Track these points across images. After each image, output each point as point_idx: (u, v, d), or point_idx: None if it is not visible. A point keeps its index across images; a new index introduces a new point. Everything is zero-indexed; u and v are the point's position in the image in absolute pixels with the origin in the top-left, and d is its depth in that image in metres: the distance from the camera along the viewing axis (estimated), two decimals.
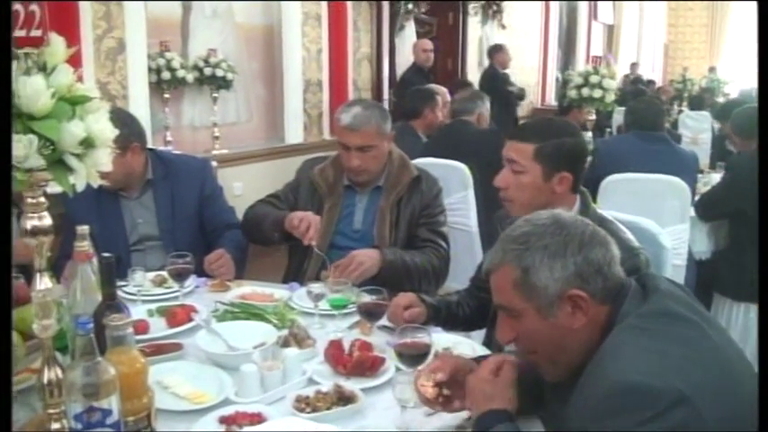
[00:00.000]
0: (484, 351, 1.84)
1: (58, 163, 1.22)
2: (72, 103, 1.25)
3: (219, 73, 4.73)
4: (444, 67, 8.39)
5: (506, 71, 7.99)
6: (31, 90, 1.18)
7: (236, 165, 5.02)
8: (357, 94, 6.51)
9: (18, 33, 1.24)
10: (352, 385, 1.59)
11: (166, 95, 4.55)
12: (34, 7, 1.25)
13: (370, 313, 1.92)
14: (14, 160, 1.17)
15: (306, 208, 2.56)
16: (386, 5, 7.04)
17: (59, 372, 1.36)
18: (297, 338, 1.82)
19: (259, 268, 2.79)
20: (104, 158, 1.27)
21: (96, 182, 1.29)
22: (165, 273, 2.29)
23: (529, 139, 1.91)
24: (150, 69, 4.39)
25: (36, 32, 1.25)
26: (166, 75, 4.44)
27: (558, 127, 1.98)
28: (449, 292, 2.36)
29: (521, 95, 8.14)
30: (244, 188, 4.82)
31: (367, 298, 1.94)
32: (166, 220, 2.62)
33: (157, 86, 4.47)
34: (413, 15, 7.48)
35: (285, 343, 1.79)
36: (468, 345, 1.88)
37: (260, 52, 5.56)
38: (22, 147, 1.16)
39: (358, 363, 1.67)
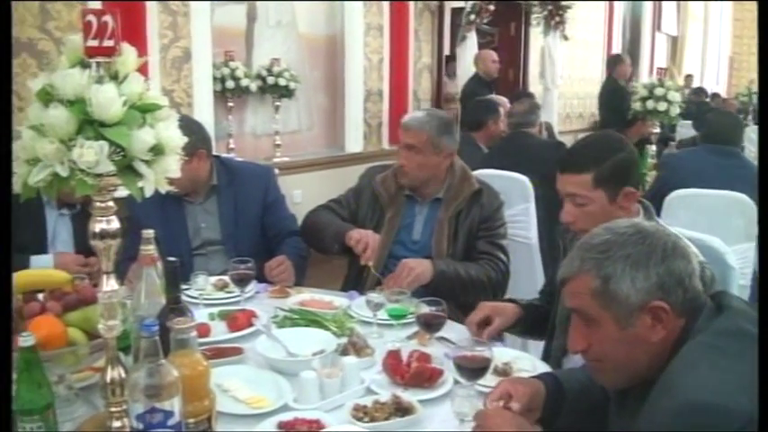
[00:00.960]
0: (544, 366, 1.82)
1: (127, 169, 1.25)
2: (142, 111, 1.27)
3: (282, 82, 4.80)
4: (505, 77, 8.32)
5: (631, 83, 7.64)
6: (103, 98, 1.21)
7: (296, 172, 5.08)
8: (417, 104, 6.52)
9: (90, 43, 1.26)
10: (409, 396, 1.58)
11: (230, 104, 4.65)
12: (107, 18, 1.27)
13: (428, 324, 1.91)
14: (85, 165, 1.20)
15: (366, 216, 2.58)
16: (448, 16, 7.05)
17: (122, 371, 1.39)
18: (356, 347, 1.82)
19: (318, 275, 2.81)
20: (173, 165, 1.30)
21: (164, 188, 1.31)
22: (226, 277, 2.32)
23: (583, 168, 1.85)
24: (215, 78, 4.49)
25: (108, 42, 1.27)
26: (230, 83, 4.53)
27: (605, 145, 1.92)
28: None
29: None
30: (303, 196, 4.87)
31: (426, 309, 1.92)
32: (229, 225, 2.67)
33: (221, 95, 4.57)
34: (475, 26, 7.45)
35: (344, 351, 1.80)
36: (527, 360, 1.85)
37: (322, 62, 5.63)
38: (93, 153, 1.19)
39: (416, 374, 1.66)
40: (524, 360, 1.84)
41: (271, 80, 4.78)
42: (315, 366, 1.63)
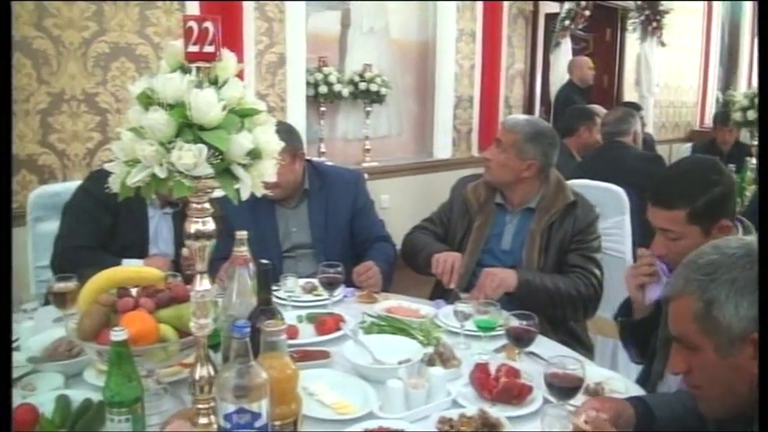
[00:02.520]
0: (637, 389, 1.74)
1: (224, 172, 1.27)
2: (241, 116, 1.29)
3: (373, 87, 4.83)
4: (600, 85, 8.12)
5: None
6: (202, 102, 1.24)
7: (384, 178, 5.10)
8: (508, 111, 6.43)
9: (191, 49, 1.29)
10: (497, 412, 1.54)
11: (322, 108, 4.71)
12: (208, 24, 1.29)
13: (519, 338, 1.86)
14: (183, 168, 1.23)
15: (457, 227, 2.56)
16: (542, 21, 6.93)
17: (211, 369, 1.41)
18: (442, 357, 1.80)
19: (404, 280, 2.80)
20: (269, 169, 1.31)
21: (260, 191, 1.33)
22: (315, 281, 2.34)
23: (676, 205, 1.76)
24: (308, 83, 4.56)
25: (209, 48, 1.29)
26: (323, 89, 4.59)
27: (701, 178, 1.79)
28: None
29: None
30: (391, 201, 4.88)
31: (515, 322, 1.88)
32: (319, 229, 2.69)
33: (314, 100, 4.63)
34: (569, 31, 7.30)
35: (430, 361, 1.77)
36: (620, 381, 1.78)
37: (413, 67, 5.63)
38: (192, 155, 1.22)
39: (504, 389, 1.62)
40: (617, 381, 1.77)
41: (362, 86, 4.82)
42: (401, 375, 1.61)
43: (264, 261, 1.56)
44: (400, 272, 2.78)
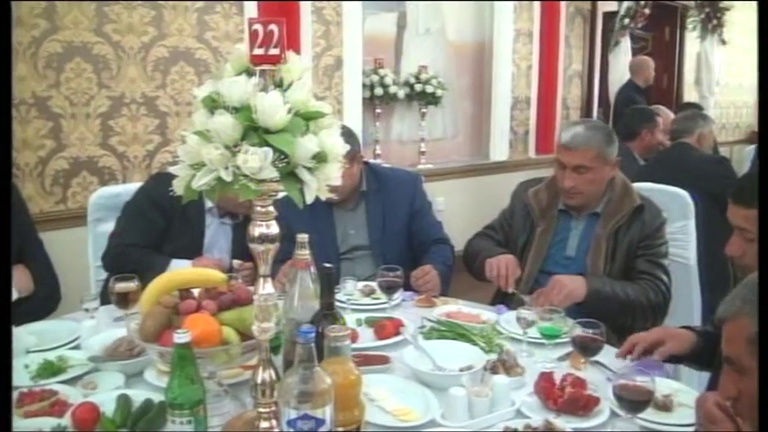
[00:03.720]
0: None
1: (289, 175, 1.26)
2: (306, 119, 1.28)
3: (429, 89, 4.80)
4: (659, 85, 7.93)
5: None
6: (268, 105, 1.23)
7: (439, 180, 5.06)
8: (566, 112, 6.33)
9: (256, 51, 1.28)
10: (563, 424, 1.49)
11: (378, 110, 4.70)
12: (273, 27, 1.28)
13: (585, 347, 1.81)
14: (249, 171, 1.22)
15: (519, 233, 2.51)
16: (600, 21, 6.80)
17: (273, 373, 1.41)
18: (505, 365, 1.75)
19: (463, 284, 2.76)
20: (334, 172, 1.30)
21: (324, 195, 1.31)
22: (373, 283, 2.33)
23: (755, 203, 1.67)
24: (364, 85, 4.56)
25: (274, 51, 1.28)
26: (379, 90, 4.58)
27: None
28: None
29: None
30: (446, 203, 4.84)
31: (581, 330, 1.82)
32: (377, 231, 2.68)
33: (370, 102, 4.63)
34: (628, 30, 7.15)
35: (493, 369, 1.73)
36: (689, 394, 1.70)
37: (469, 69, 5.58)
38: (258, 159, 1.21)
39: (571, 400, 1.57)
40: (686, 394, 1.69)
41: (418, 87, 4.79)
42: (464, 383, 1.57)
43: (328, 265, 1.55)
44: (458, 275, 2.74)
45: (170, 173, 1.35)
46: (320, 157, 1.27)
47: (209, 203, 2.64)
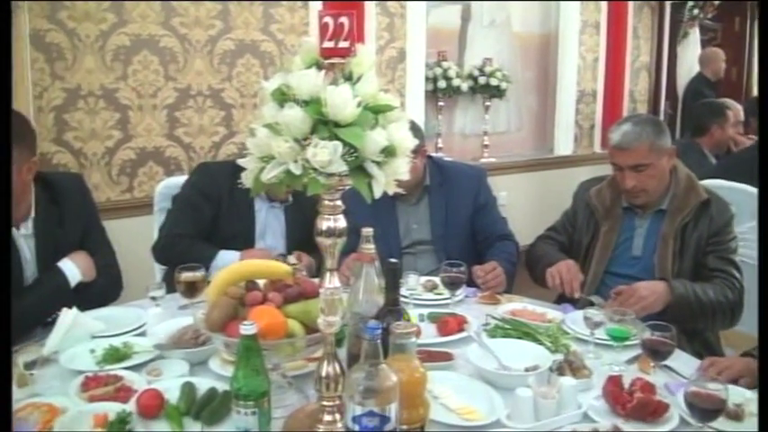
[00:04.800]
0: None
1: (358, 169, 1.25)
2: (375, 112, 1.26)
3: (493, 82, 4.73)
4: (728, 78, 7.65)
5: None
6: (338, 99, 1.22)
7: (502, 174, 4.99)
8: (632, 105, 6.17)
9: (326, 44, 1.27)
10: (631, 429, 1.45)
11: (441, 103, 4.66)
12: (344, 20, 1.27)
13: (655, 351, 1.74)
14: (318, 165, 1.21)
15: (583, 234, 2.46)
16: (668, 11, 6.59)
17: (337, 367, 1.40)
18: (572, 366, 1.71)
19: (522, 280, 2.71)
20: (402, 167, 1.28)
21: (392, 189, 1.30)
22: (436, 279, 2.30)
23: None
24: (427, 78, 4.52)
25: (344, 44, 1.27)
26: (442, 83, 4.53)
27: None
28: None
29: None
30: (509, 198, 4.77)
31: (651, 333, 1.76)
32: (439, 226, 2.65)
33: (433, 94, 4.59)
34: (697, 21, 6.91)
35: (560, 370, 1.69)
36: None
37: (534, 61, 5.49)
38: (328, 152, 1.20)
39: (640, 405, 1.51)
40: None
41: (482, 80, 4.73)
42: (530, 383, 1.54)
43: (393, 260, 1.54)
44: (521, 271, 2.70)
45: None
46: (389, 151, 1.25)
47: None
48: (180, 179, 3.03)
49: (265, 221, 2.72)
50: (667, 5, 6.63)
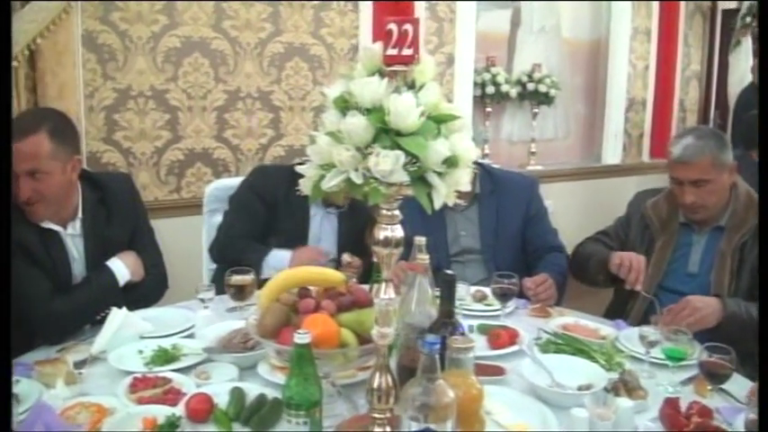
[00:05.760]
0: None
1: (419, 179, 1.22)
2: (437, 122, 1.24)
3: (542, 88, 4.66)
4: None
5: None
6: (401, 107, 1.20)
7: (549, 182, 4.90)
8: (682, 114, 6.03)
9: (390, 52, 1.25)
10: None
11: (488, 109, 4.60)
12: (408, 27, 1.25)
13: (713, 374, 1.68)
14: (380, 174, 1.19)
15: (635, 245, 2.39)
16: (720, 19, 6.44)
17: (390, 379, 1.38)
18: (627, 386, 1.66)
19: (569, 292, 2.65)
20: (464, 178, 1.25)
21: (452, 200, 1.27)
22: (485, 289, 2.27)
23: None
24: (475, 83, 4.47)
25: (407, 51, 1.25)
26: (490, 89, 4.48)
27: None
28: None
29: None
30: (555, 206, 4.68)
31: (708, 355, 1.69)
32: (489, 235, 2.62)
33: (480, 100, 4.54)
34: (750, 29, 6.73)
35: (615, 389, 1.64)
36: None
37: (584, 68, 5.40)
38: (390, 161, 1.18)
39: (697, 431, 1.46)
40: None
41: (531, 86, 4.66)
42: (586, 403, 1.50)
43: (449, 272, 1.51)
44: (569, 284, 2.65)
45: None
46: (451, 162, 1.23)
47: None
48: (229, 181, 3.05)
49: (320, 227, 2.73)
50: (719, 13, 6.47)
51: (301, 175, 1.32)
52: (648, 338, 1.82)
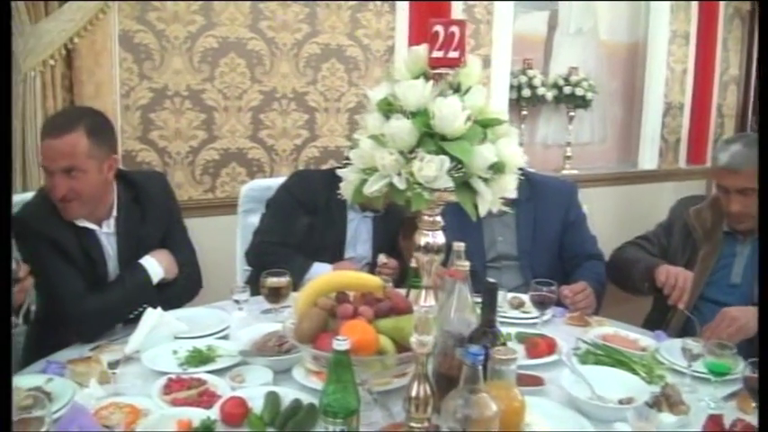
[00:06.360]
0: None
1: (463, 185, 1.20)
2: (483, 126, 1.21)
3: (579, 92, 4.59)
4: None
5: None
6: (447, 111, 1.17)
7: (583, 186, 4.82)
8: (720, 120, 5.92)
9: (436, 54, 1.23)
10: None
11: (524, 112, 4.55)
12: (454, 29, 1.22)
13: (756, 390, 1.63)
14: (424, 179, 1.17)
15: (677, 253, 2.34)
16: (758, 23, 6.31)
17: (428, 388, 1.35)
18: (669, 401, 1.60)
19: (610, 302, 2.60)
20: (510, 184, 1.23)
21: (497, 207, 1.24)
22: (522, 296, 2.24)
23: None
24: (511, 86, 4.42)
25: (453, 54, 1.22)
26: (526, 92, 4.43)
27: None
28: None
29: None
30: (589, 211, 4.61)
31: (751, 370, 1.64)
32: (526, 241, 2.58)
33: (516, 103, 4.48)
34: None
35: (656, 403, 1.59)
36: None
37: (621, 71, 5.31)
38: (434, 167, 1.16)
39: None
40: None
41: (567, 90, 4.59)
42: (628, 417, 1.45)
43: (491, 280, 1.48)
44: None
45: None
46: (497, 168, 1.20)
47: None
48: (265, 181, 3.04)
49: (356, 231, 2.73)
50: (757, 17, 6.34)
51: (341, 180, 1.30)
52: (692, 352, 1.77)
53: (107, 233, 2.18)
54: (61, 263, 2.03)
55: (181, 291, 2.29)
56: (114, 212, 2.18)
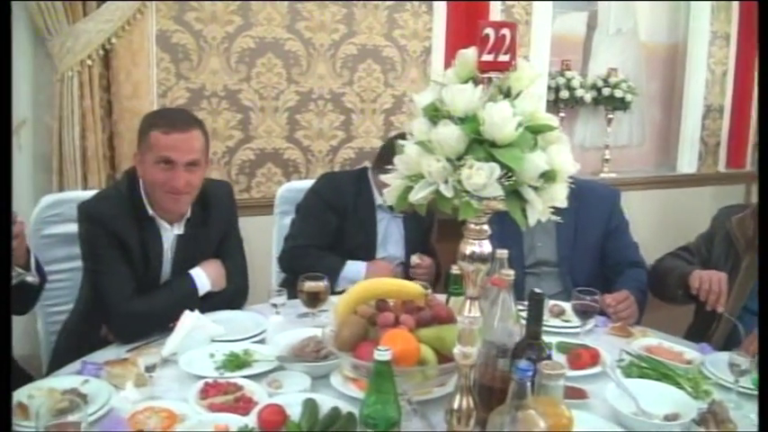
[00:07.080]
0: None
1: (513, 193, 1.16)
2: (534, 132, 1.17)
3: (618, 94, 4.51)
4: None
5: None
6: (497, 117, 1.14)
7: (622, 190, 4.75)
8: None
9: (485, 58, 1.19)
10: None
11: (561, 114, 4.47)
12: (505, 31, 1.18)
13: None
14: (472, 187, 1.13)
15: (719, 263, 2.27)
16: None
17: (471, 401, 1.32)
18: (716, 418, 1.54)
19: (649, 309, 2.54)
20: (561, 194, 1.19)
21: (546, 216, 1.20)
22: (564, 304, 2.19)
23: None
24: (549, 87, 4.35)
25: (504, 57, 1.19)
26: (564, 93, 4.36)
27: None
28: None
29: None
30: (627, 216, 4.54)
31: None
32: (567, 246, 2.52)
33: (554, 105, 4.42)
34: None
35: (702, 420, 1.54)
36: None
37: (660, 72, 5.21)
38: (484, 174, 1.12)
39: None
40: None
41: (606, 91, 4.51)
42: None
43: (537, 290, 1.44)
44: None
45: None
46: (548, 176, 1.16)
47: (378, 200, 2.65)
48: (300, 183, 3.03)
49: (386, 231, 2.71)
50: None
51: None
52: (740, 367, 1.70)
53: (175, 234, 2.18)
54: (118, 260, 2.04)
55: (225, 302, 2.26)
56: (188, 214, 2.19)
